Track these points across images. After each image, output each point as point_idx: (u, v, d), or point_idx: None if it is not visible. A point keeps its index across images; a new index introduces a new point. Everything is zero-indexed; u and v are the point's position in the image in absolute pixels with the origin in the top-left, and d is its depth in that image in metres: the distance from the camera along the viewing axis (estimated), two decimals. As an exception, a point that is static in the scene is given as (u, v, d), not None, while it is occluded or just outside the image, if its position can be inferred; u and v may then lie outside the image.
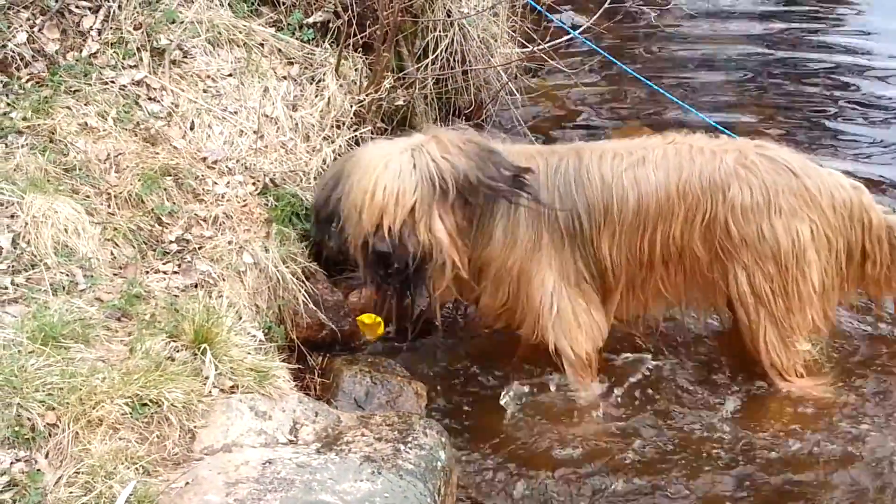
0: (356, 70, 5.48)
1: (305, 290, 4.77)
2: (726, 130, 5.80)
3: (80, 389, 3.60)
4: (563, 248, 4.54)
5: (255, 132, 5.02)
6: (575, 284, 4.57)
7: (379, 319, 5.04)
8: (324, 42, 5.52)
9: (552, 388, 4.72)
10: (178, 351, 3.94)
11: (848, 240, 4.60)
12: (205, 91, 5.10)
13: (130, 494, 3.38)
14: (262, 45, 5.35)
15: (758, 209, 4.48)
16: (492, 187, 4.40)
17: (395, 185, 4.32)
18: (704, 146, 4.61)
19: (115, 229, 4.42)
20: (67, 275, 4.16)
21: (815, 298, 4.58)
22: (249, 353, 4.07)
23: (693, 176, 4.51)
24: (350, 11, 5.47)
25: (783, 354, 4.63)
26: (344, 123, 5.27)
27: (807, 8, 8.69)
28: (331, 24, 5.55)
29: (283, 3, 5.52)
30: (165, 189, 4.64)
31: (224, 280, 4.43)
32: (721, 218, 4.50)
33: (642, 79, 6.64)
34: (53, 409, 3.55)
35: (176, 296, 4.24)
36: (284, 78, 5.31)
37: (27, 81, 4.81)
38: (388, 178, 4.33)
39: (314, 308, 4.80)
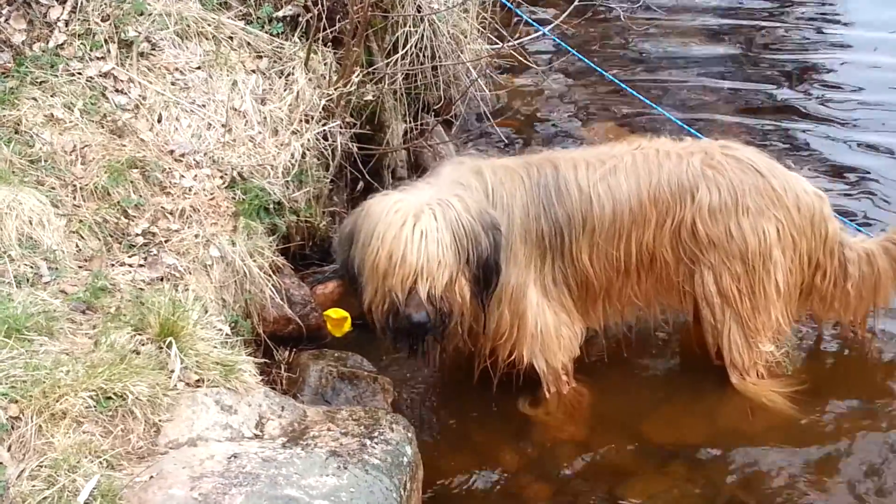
0: (325, 64, 5.47)
1: (272, 285, 4.75)
2: (692, 130, 5.84)
3: (44, 382, 3.58)
4: (545, 261, 4.53)
5: (223, 125, 5.00)
6: (556, 298, 4.57)
7: (346, 314, 5.04)
8: (293, 36, 5.50)
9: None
10: (143, 344, 3.93)
11: (808, 243, 4.64)
12: (173, 84, 5.08)
13: (94, 488, 3.37)
14: (231, 38, 5.33)
15: (726, 209, 4.51)
16: (496, 271, 4.30)
17: (434, 251, 4.10)
18: (671, 150, 4.63)
19: (81, 221, 4.40)
20: (32, 267, 4.13)
21: (778, 298, 4.62)
22: (215, 347, 4.06)
23: (662, 181, 4.53)
24: (320, 5, 5.46)
25: (745, 354, 4.66)
26: (313, 118, 5.25)
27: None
28: (300, 18, 5.53)
29: (253, -4, 5.51)
30: (132, 181, 4.61)
31: (190, 273, 4.41)
32: (689, 220, 4.52)
33: (613, 78, 6.68)
34: (17, 401, 3.53)
35: (142, 289, 4.22)
36: (253, 71, 5.29)
37: (-8, 72, 4.78)
38: (422, 242, 4.10)
39: (281, 302, 4.80)
